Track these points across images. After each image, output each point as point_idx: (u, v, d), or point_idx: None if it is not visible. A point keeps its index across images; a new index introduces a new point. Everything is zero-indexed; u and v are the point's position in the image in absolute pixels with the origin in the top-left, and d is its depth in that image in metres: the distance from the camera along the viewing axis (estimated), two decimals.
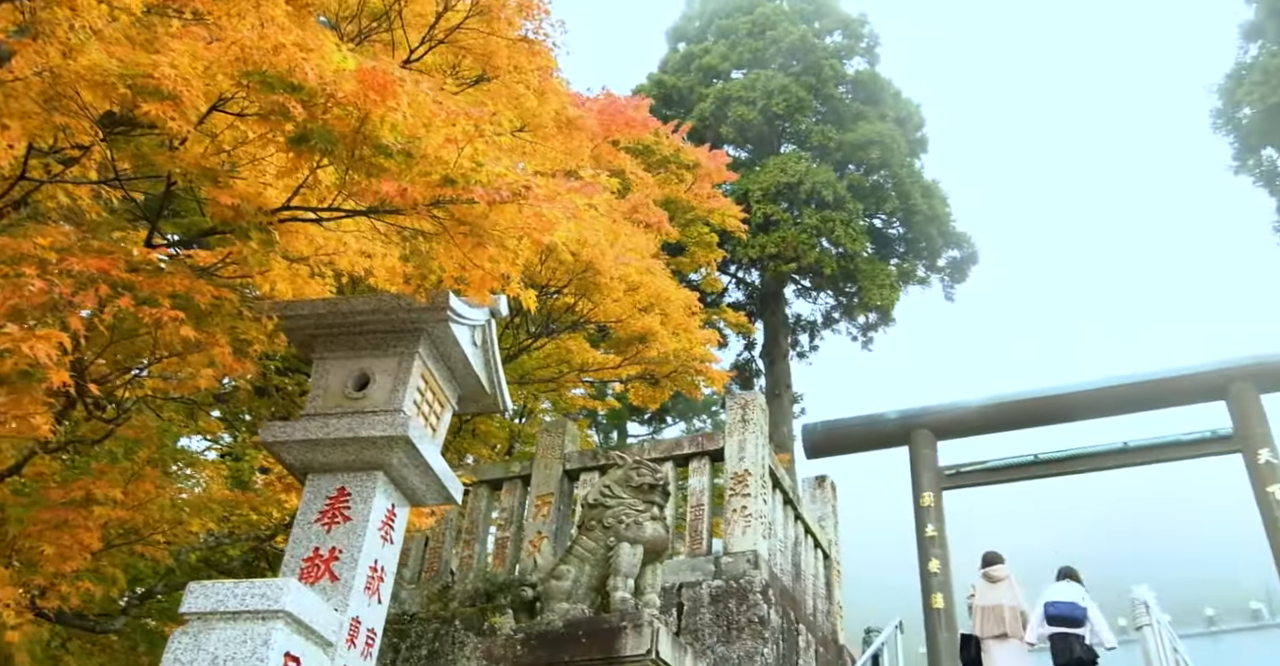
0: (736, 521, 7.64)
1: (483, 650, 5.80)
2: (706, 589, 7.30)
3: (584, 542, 6.37)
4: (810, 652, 8.21)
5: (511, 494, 8.54)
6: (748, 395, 8.36)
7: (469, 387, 4.92)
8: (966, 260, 22.99)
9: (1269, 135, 23.39)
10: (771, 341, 21.10)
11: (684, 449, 8.32)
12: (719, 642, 7.01)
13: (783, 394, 20.25)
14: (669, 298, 8.90)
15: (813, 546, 9.67)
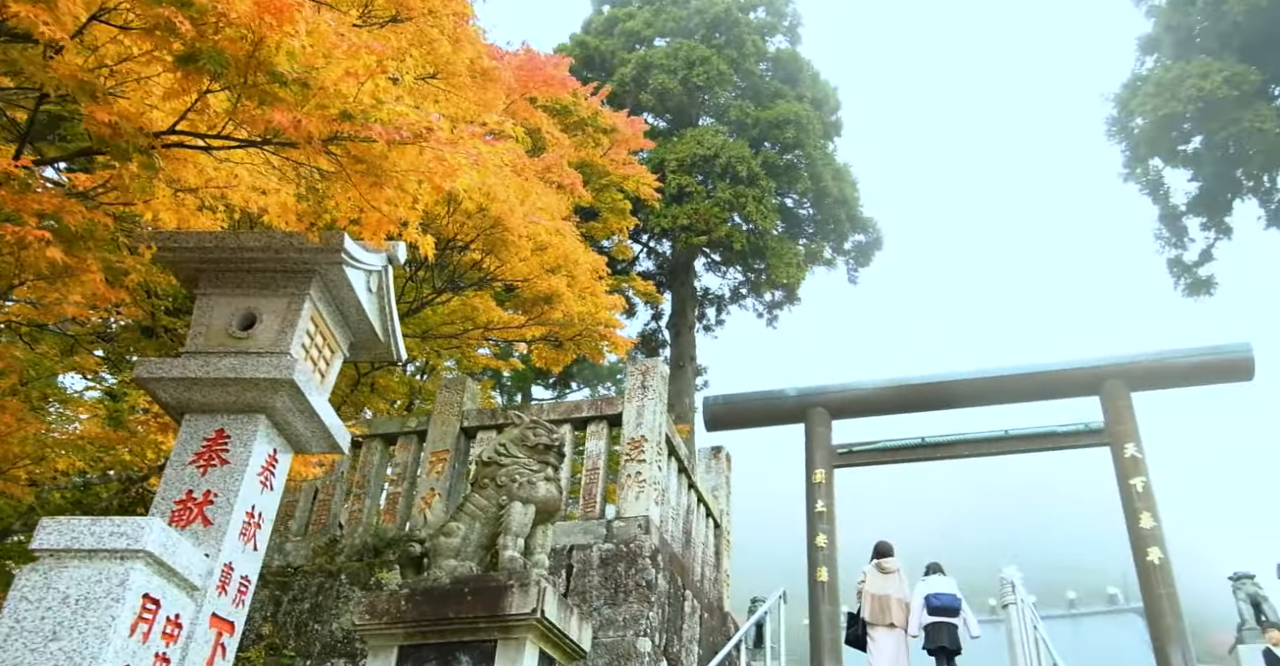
0: (631, 486, 7.64)
1: (366, 604, 5.68)
2: (597, 552, 7.30)
3: (476, 500, 6.29)
4: (695, 618, 8.29)
5: (406, 449, 8.40)
6: (649, 362, 8.35)
7: (362, 335, 4.77)
8: (871, 245, 23.37)
9: (1157, 146, 24.19)
10: (679, 313, 21.18)
11: (583, 412, 8.28)
12: (606, 605, 7.02)
13: (686, 365, 20.36)
14: (577, 260, 8.81)
15: (704, 515, 9.75)
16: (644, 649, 6.83)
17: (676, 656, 7.62)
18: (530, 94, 8.16)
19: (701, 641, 8.44)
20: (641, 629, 6.90)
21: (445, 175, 4.20)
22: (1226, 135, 22.43)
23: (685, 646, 7.91)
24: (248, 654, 6.94)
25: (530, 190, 7.76)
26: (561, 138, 9.13)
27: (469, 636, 5.59)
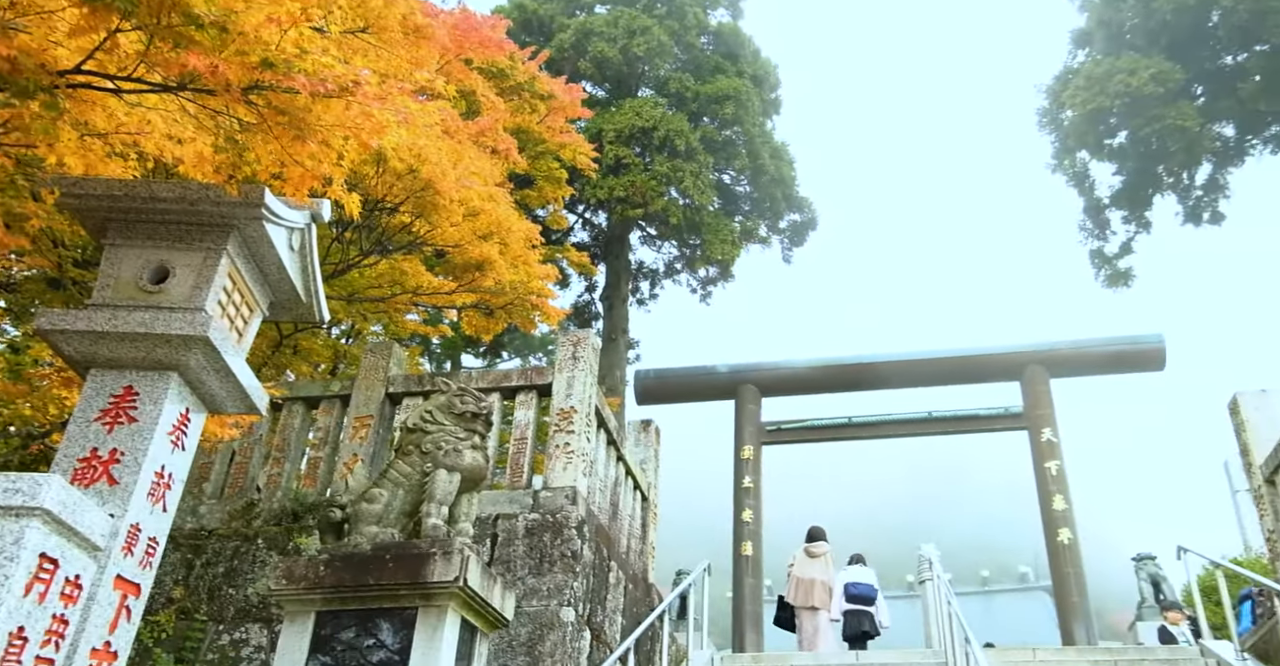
0: (559, 457, 7.59)
1: (283, 569, 5.56)
2: (523, 521, 7.24)
3: (400, 467, 6.19)
4: (620, 588, 8.29)
5: (329, 413, 8.23)
6: (580, 333, 8.28)
7: (283, 294, 4.63)
8: (806, 225, 23.50)
9: (1085, 138, 24.66)
10: (612, 285, 21.11)
11: (512, 381, 8.20)
12: (530, 574, 6.98)
13: (619, 338, 20.33)
14: (510, 228, 8.69)
15: (632, 488, 9.74)
16: (567, 618, 6.81)
17: (600, 626, 7.62)
18: (465, 55, 7.98)
19: (625, 612, 8.45)
20: (565, 598, 6.87)
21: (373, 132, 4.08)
22: (1150, 131, 22.89)
23: (609, 616, 7.92)
24: (157, 617, 6.78)
25: (463, 154, 7.61)
26: (497, 102, 8.96)
27: (389, 603, 5.52)
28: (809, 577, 12.43)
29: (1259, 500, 9.86)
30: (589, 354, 8.12)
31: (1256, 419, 10.05)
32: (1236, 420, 10.25)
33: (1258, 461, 9.83)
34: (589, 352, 8.13)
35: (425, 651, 5.33)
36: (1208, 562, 11.18)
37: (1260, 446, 9.88)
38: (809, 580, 12.43)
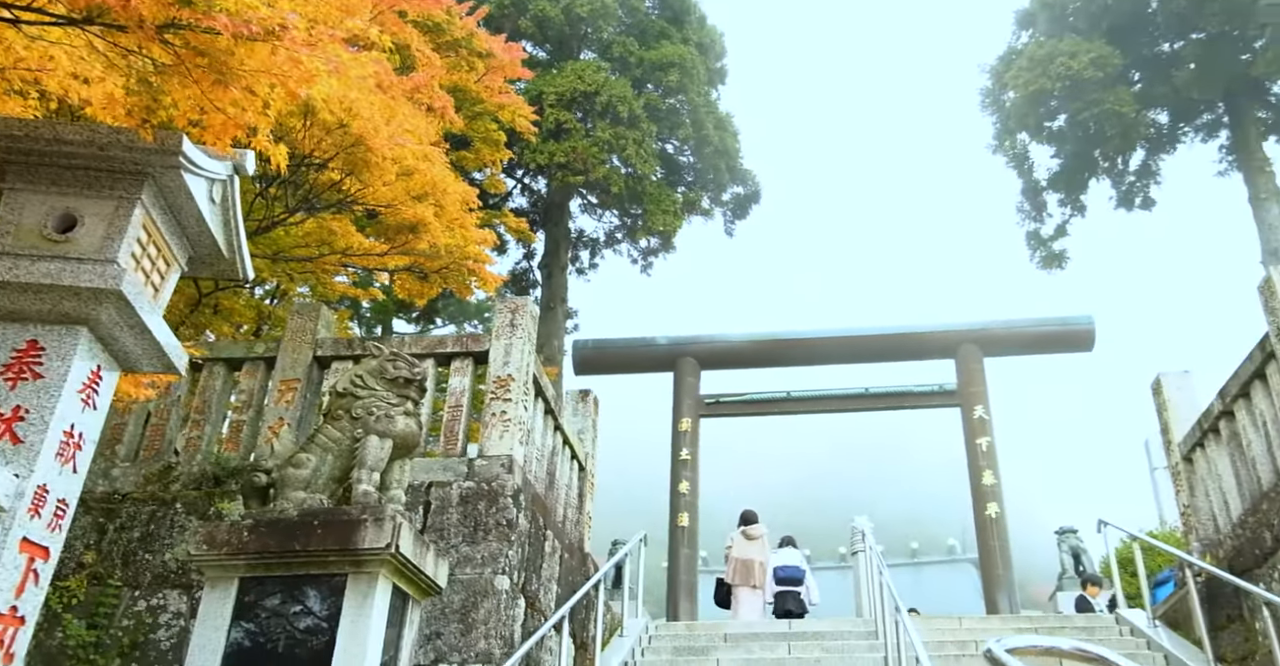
0: (495, 425, 7.45)
1: (204, 535, 5.37)
2: (457, 490, 7.11)
3: (329, 432, 6.02)
4: (555, 557, 8.21)
5: (253, 376, 7.97)
6: (518, 300, 8.12)
7: (203, 248, 4.41)
8: (749, 198, 23.47)
9: (1026, 120, 24.93)
10: (552, 253, 20.89)
11: (447, 347, 8.02)
12: (465, 543, 6.86)
13: (558, 307, 20.16)
14: (446, 189, 8.46)
15: (569, 457, 9.64)
16: (502, 587, 6.71)
17: (535, 594, 7.53)
18: (400, 7, 7.70)
19: (561, 580, 8.38)
20: (500, 567, 6.77)
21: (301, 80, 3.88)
22: (1088, 115, 23.21)
23: (544, 585, 7.83)
24: (68, 583, 6.53)
25: (397, 110, 7.36)
26: (433, 57, 8.69)
27: (317, 569, 5.37)
28: (748, 558, 13.02)
29: (1176, 477, 10.09)
30: (527, 321, 7.97)
31: (1178, 399, 10.26)
32: (1159, 400, 10.46)
33: (1176, 439, 10.05)
34: (527, 320, 7.98)
35: (355, 618, 5.20)
36: (1126, 535, 11.43)
37: (1180, 425, 10.10)
38: (748, 560, 13.01)
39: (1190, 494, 9.72)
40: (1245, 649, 8.02)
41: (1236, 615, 8.26)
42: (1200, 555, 9.16)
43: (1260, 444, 8.27)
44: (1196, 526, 9.52)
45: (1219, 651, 8.38)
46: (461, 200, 8.69)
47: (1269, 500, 7.87)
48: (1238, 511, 8.68)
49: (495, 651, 6.46)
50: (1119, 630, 9.95)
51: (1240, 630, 8.17)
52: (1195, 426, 9.62)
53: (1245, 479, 8.57)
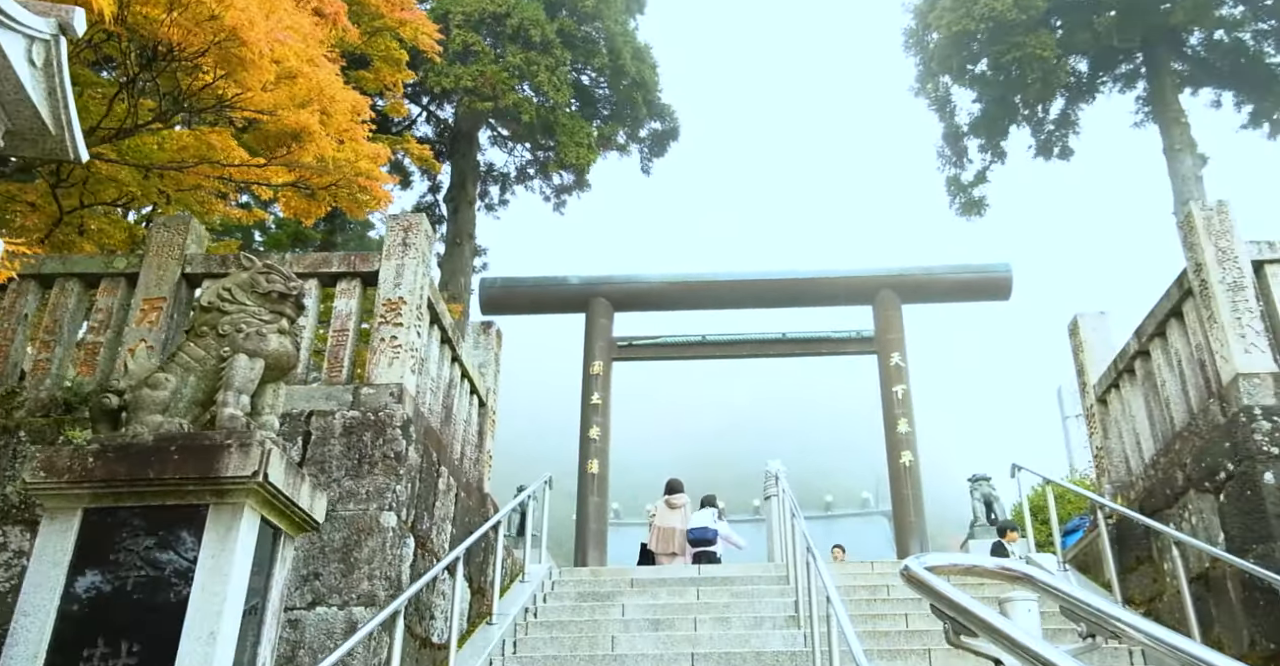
0: (384, 352, 6.86)
1: (42, 460, 4.73)
2: (340, 419, 6.53)
3: (191, 350, 5.39)
4: (450, 496, 7.70)
5: (112, 294, 7.19)
6: (412, 217, 7.48)
7: (23, 120, 3.75)
8: (668, 134, 22.87)
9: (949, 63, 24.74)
10: (458, 186, 20.07)
11: (333, 267, 7.35)
12: (347, 476, 6.31)
13: (464, 243, 19.42)
14: (334, 97, 7.75)
15: (469, 392, 9.09)
16: (388, 523, 6.19)
17: (426, 533, 7.03)
18: None
19: (457, 521, 7.89)
20: (386, 503, 6.24)
21: None
22: (1010, 59, 23.11)
23: (437, 524, 7.33)
24: None
25: (278, 4, 6.62)
26: None
27: (175, 500, 4.80)
28: (669, 526, 13.23)
29: (1090, 419, 10.00)
30: (421, 240, 7.35)
31: (1093, 340, 10.15)
32: (1075, 341, 10.34)
33: (1092, 381, 9.94)
34: (421, 239, 7.36)
35: (216, 553, 4.66)
36: (1040, 480, 11.38)
37: (1095, 367, 9.99)
38: (669, 528, 13.21)
39: (1104, 436, 9.63)
40: (1153, 590, 7.96)
41: (1146, 556, 8.20)
42: (1112, 497, 9.10)
43: (1174, 383, 8.15)
44: (1109, 468, 9.44)
45: (1127, 593, 8.32)
46: (351, 109, 7.99)
47: (1182, 440, 7.76)
48: (1150, 452, 8.60)
49: (379, 593, 5.96)
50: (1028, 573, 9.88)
51: (1149, 572, 8.10)
52: (1110, 367, 9.51)
53: (1159, 419, 8.47)
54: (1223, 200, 8.01)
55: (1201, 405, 7.51)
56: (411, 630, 6.53)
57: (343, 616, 5.85)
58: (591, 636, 7.88)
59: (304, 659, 5.68)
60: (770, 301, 20.30)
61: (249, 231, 16.47)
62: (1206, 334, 7.43)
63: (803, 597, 8.11)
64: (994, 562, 3.11)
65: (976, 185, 25.85)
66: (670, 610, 8.66)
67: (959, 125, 25.82)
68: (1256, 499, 6.29)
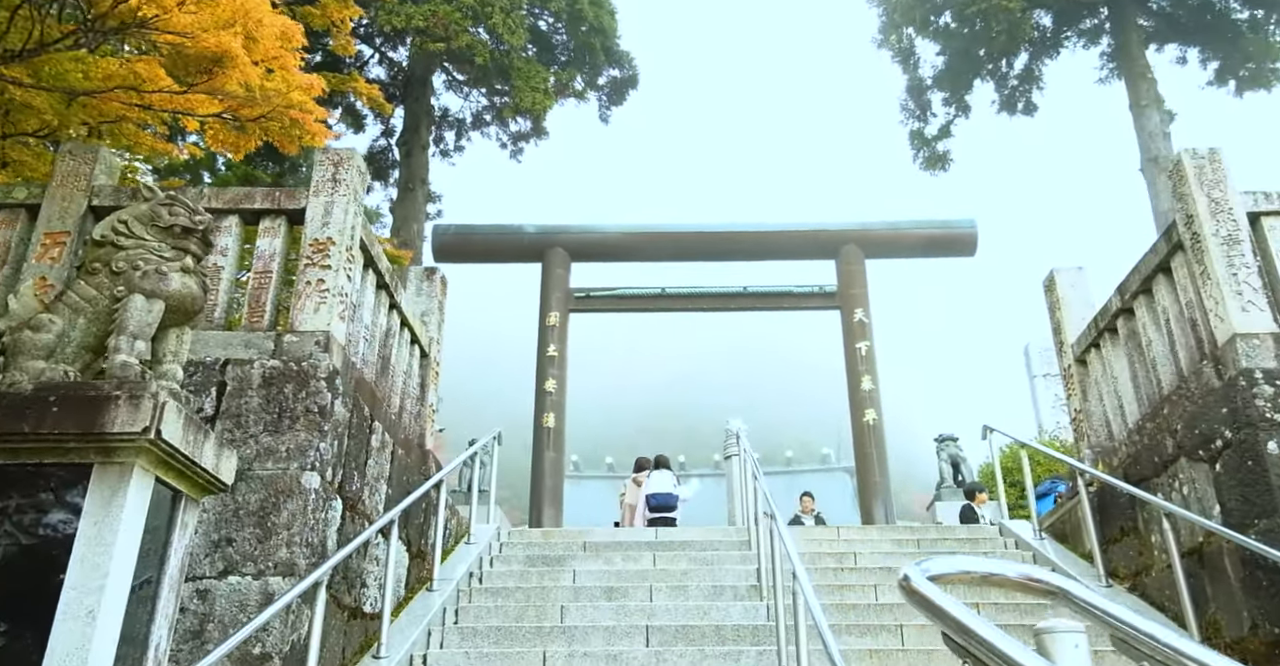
0: (310, 296, 6.23)
1: None
2: (259, 369, 5.90)
3: (82, 289, 4.76)
4: (386, 453, 7.11)
5: (10, 226, 6.45)
6: (343, 151, 6.79)
7: None
8: (626, 82, 22.12)
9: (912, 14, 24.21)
10: (411, 130, 19.23)
11: (255, 202, 6.66)
12: (266, 432, 5.70)
13: (417, 189, 18.65)
14: (260, 19, 7.02)
15: (409, 342, 8.47)
16: (310, 485, 5.61)
17: (356, 495, 6.45)
18: None
19: (393, 480, 7.31)
20: (309, 461, 5.65)
21: None
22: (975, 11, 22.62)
23: (370, 485, 6.75)
24: None
25: None
26: None
27: (54, 458, 4.20)
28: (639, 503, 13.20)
29: (1068, 380, 9.59)
30: (353, 177, 6.68)
31: (1071, 296, 9.71)
32: (1051, 297, 9.90)
33: (1070, 339, 9.52)
34: (353, 175, 6.69)
35: (99, 519, 4.08)
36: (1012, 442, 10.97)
37: (1073, 325, 9.56)
38: (638, 505, 13.21)
39: (1083, 398, 9.22)
40: (1139, 563, 7.56)
41: (1131, 527, 7.80)
42: (1092, 463, 8.70)
43: (1162, 343, 7.72)
44: (1089, 432, 9.04)
45: (1110, 565, 7.92)
46: (280, 34, 7.27)
47: (1171, 404, 7.33)
48: (1134, 416, 8.18)
49: (300, 561, 5.39)
50: (1003, 542, 9.52)
51: (1134, 544, 7.70)
52: (1090, 326, 9.07)
53: (1144, 381, 8.05)
54: (1215, 148, 7.52)
55: (1193, 367, 7.07)
56: (339, 600, 5.99)
57: (258, 587, 5.28)
58: (540, 605, 7.39)
59: (213, 633, 5.11)
60: (732, 254, 19.84)
61: (198, 175, 15.60)
62: (1199, 291, 6.98)
63: (765, 564, 7.67)
64: (1016, 571, 2.54)
65: (940, 139, 25.45)
66: (625, 577, 8.19)
67: (922, 78, 25.35)
68: (1259, 469, 5.85)
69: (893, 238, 19.80)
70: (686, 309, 19.26)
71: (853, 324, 18.69)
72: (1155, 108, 23.22)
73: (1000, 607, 7.26)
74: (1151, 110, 23.18)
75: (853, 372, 18.43)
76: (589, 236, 18.97)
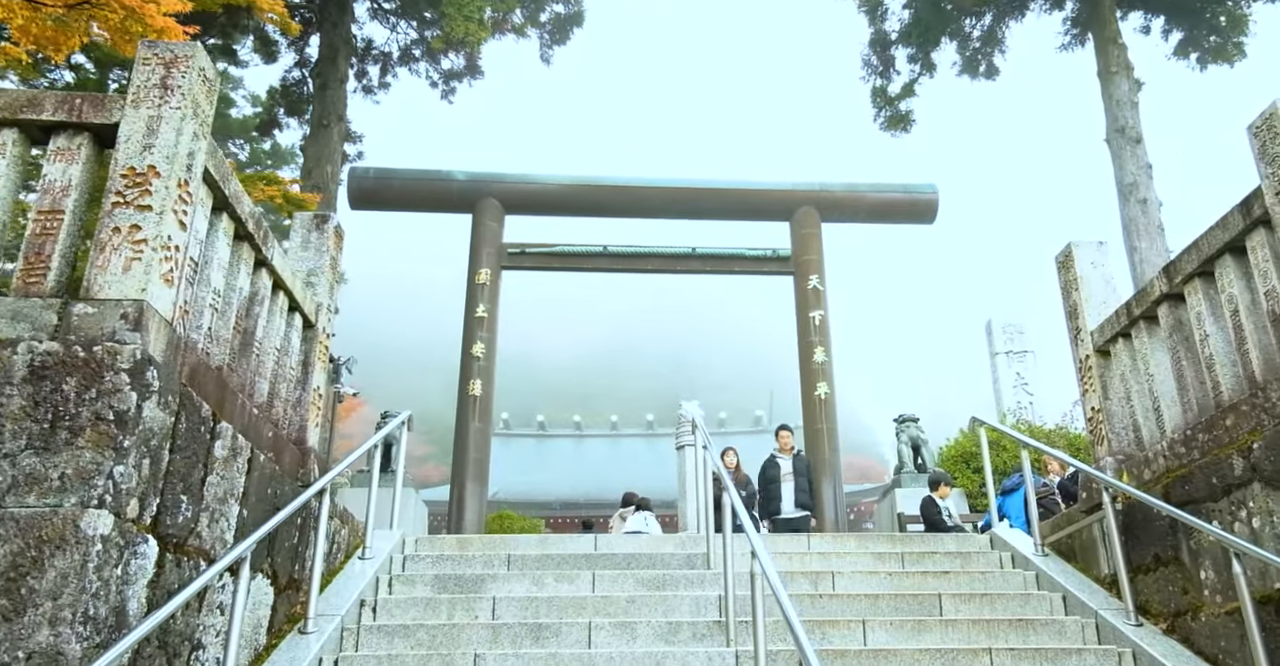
0: (119, 249, 4.38)
1: None
2: (26, 355, 4.06)
3: None
4: (238, 463, 5.32)
5: None
6: (178, 48, 4.85)
7: None
8: (572, 19, 20.14)
9: None
10: (328, 60, 17.02)
11: (45, 111, 4.71)
12: (30, 450, 3.89)
13: (333, 125, 16.53)
14: None
15: (285, 310, 6.62)
16: (96, 528, 3.82)
17: (187, 528, 4.66)
18: None
19: (251, 496, 5.52)
20: (96, 493, 3.86)
21: None
22: None
23: (211, 509, 4.96)
24: None
25: None
26: None
27: None
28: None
29: (1084, 373, 8.08)
30: (193, 84, 4.79)
31: (1091, 276, 8.20)
32: (1067, 276, 8.37)
33: (1090, 325, 8.00)
34: (193, 83, 4.80)
35: None
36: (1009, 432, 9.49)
37: (1094, 309, 8.05)
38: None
39: (1103, 395, 7.72)
40: (1183, 603, 6.12)
41: (1170, 558, 6.35)
42: (1115, 473, 7.24)
43: (1224, 339, 6.23)
44: (1109, 436, 7.55)
45: (1140, 599, 6.49)
46: None
47: (1239, 415, 5.84)
48: (1176, 423, 6.71)
49: (72, 646, 3.62)
50: (999, 559, 8.07)
51: (1175, 578, 6.26)
52: (1121, 311, 7.56)
53: (1194, 383, 6.56)
54: None
55: (1277, 374, 5.58)
56: None
57: None
58: (446, 654, 5.71)
59: None
60: (680, 212, 18.32)
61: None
62: None
63: (731, 591, 6.13)
64: None
65: (904, 98, 24.12)
66: (557, 607, 6.55)
67: (888, 32, 23.92)
68: None
69: (851, 200, 18.49)
70: (630, 269, 17.66)
71: (806, 291, 17.39)
72: (1125, 75, 22.06)
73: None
74: (1121, 77, 22.02)
75: (805, 343, 17.13)
76: (526, 187, 17.15)
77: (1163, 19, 24.29)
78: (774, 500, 12.28)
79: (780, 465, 12.71)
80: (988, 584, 7.53)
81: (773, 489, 12.38)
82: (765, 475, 12.64)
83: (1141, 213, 19.68)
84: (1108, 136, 21.53)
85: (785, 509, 12.26)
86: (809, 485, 12.58)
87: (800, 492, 12.34)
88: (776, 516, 12.21)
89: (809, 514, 12.43)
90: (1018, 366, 19.92)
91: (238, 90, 23.98)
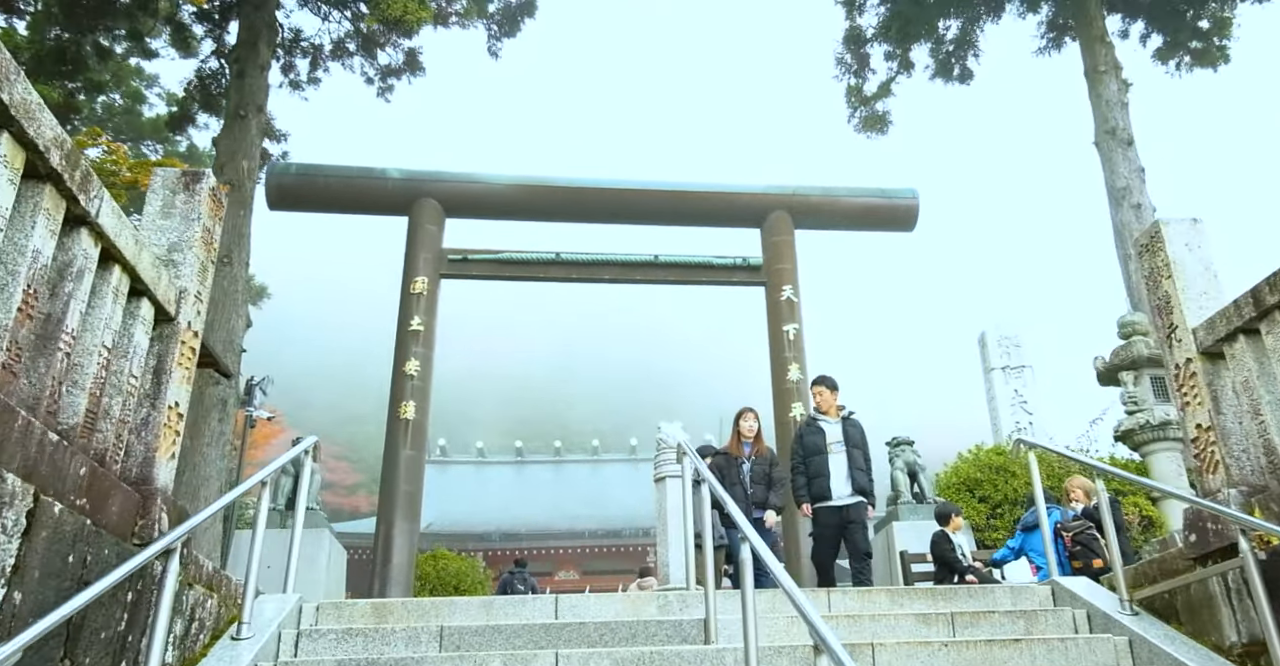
0: None
1: None
2: None
3: None
4: (13, 517, 3.38)
5: None
6: None
7: None
8: (522, 9, 18.43)
9: None
10: (247, 45, 15.11)
11: None
12: None
13: (250, 116, 14.57)
14: None
15: (124, 295, 4.68)
16: None
17: None
18: None
19: (32, 570, 3.57)
20: None
21: None
22: None
23: None
24: None
25: None
26: None
27: None
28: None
29: (1184, 381, 6.39)
30: None
31: (1188, 261, 6.55)
32: (1155, 261, 6.70)
33: (1189, 322, 6.32)
34: None
35: None
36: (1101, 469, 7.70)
37: (1193, 301, 6.39)
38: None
39: (1215, 409, 6.03)
40: None
41: None
42: (1242, 507, 5.54)
43: None
44: (1227, 460, 5.86)
45: None
46: None
47: None
48: None
49: None
50: (1072, 618, 6.34)
51: None
52: (1240, 304, 5.87)
53: None
54: None
55: None
56: None
57: None
58: None
59: None
60: (640, 216, 16.67)
61: None
62: None
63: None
64: None
65: (880, 98, 22.88)
66: None
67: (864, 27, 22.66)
68: None
69: (826, 205, 17.04)
70: (585, 278, 15.90)
71: (780, 303, 15.88)
72: (1113, 74, 20.95)
73: None
74: (1109, 77, 20.89)
75: (778, 360, 15.58)
76: (469, 187, 15.35)
77: (1142, 23, 23.38)
78: (820, 478, 8.95)
79: (825, 430, 9.20)
80: (1068, 656, 5.77)
81: (817, 462, 9.03)
82: (805, 444, 9.23)
83: (1135, 218, 18.41)
84: (1097, 139, 20.34)
85: (837, 490, 8.88)
86: (864, 461, 9.09)
87: (856, 471, 8.94)
88: (825, 501, 8.91)
89: (866, 501, 8.96)
90: (1015, 383, 18.40)
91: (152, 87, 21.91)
